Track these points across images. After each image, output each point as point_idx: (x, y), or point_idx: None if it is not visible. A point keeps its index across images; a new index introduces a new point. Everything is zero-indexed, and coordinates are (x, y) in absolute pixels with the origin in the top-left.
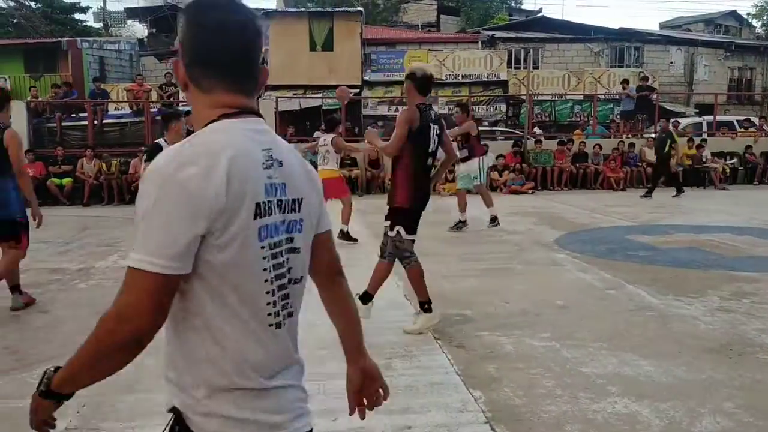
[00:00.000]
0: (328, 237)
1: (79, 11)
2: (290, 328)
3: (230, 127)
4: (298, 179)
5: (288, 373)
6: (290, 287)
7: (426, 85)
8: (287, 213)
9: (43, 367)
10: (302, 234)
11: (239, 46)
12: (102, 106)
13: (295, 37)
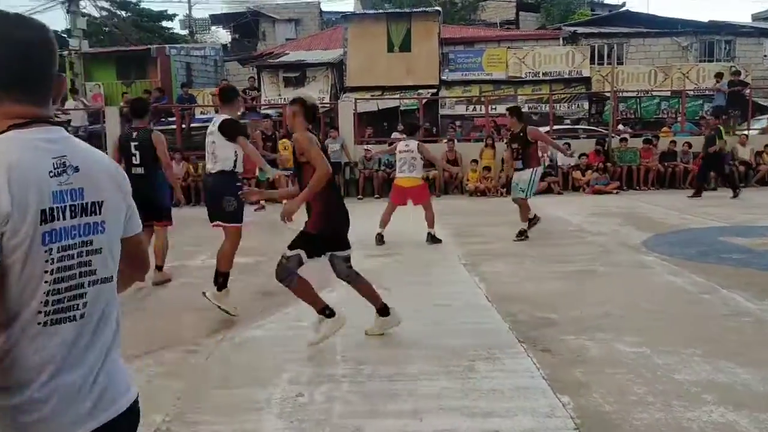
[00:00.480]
0: (135, 240)
1: (166, 19)
2: (84, 326)
3: (15, 137)
4: (98, 183)
5: (75, 370)
6: (91, 287)
7: (313, 114)
8: (84, 216)
9: (140, 362)
10: (105, 235)
11: (26, 60)
12: (189, 111)
13: (372, 39)
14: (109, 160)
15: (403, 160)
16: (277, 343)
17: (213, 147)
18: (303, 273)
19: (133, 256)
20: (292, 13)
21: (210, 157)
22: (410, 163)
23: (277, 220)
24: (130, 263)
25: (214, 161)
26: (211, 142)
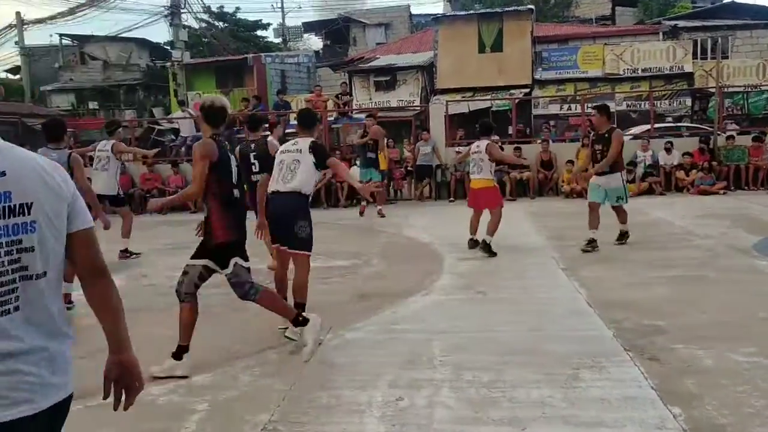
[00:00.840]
0: (82, 236)
1: (261, 28)
2: (21, 317)
3: None
4: (26, 185)
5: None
6: (23, 283)
7: (215, 117)
8: (12, 217)
9: (244, 363)
10: (36, 234)
11: None
12: (285, 117)
13: (463, 40)
14: (44, 164)
15: (474, 161)
16: (375, 346)
17: (295, 165)
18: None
19: (82, 255)
20: (382, 17)
21: (285, 175)
22: (478, 164)
23: (373, 223)
24: (80, 262)
25: (290, 180)
26: (293, 161)
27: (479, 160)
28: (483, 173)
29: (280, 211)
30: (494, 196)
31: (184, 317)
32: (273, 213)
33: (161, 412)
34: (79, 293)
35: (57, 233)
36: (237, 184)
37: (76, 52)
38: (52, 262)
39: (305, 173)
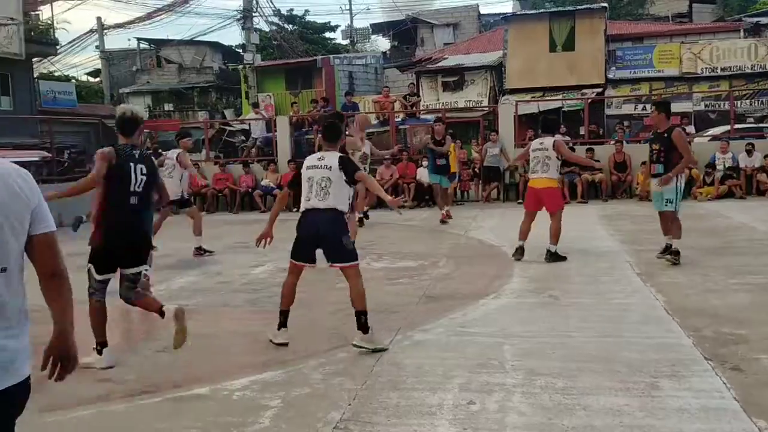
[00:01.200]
0: (43, 239)
1: (329, 30)
2: None
3: None
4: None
5: None
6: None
7: (126, 126)
8: None
9: (314, 361)
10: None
11: None
12: (353, 118)
13: (534, 40)
14: (12, 170)
15: (537, 159)
16: (445, 348)
17: (327, 183)
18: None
19: (42, 257)
20: (450, 17)
21: (318, 192)
22: (543, 162)
23: (436, 226)
24: (39, 263)
25: (324, 198)
26: (323, 178)
27: (545, 158)
28: (549, 172)
29: (323, 228)
30: (557, 198)
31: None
32: (313, 230)
33: (237, 407)
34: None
35: (18, 234)
36: (137, 193)
37: (152, 55)
38: (12, 259)
39: (339, 190)
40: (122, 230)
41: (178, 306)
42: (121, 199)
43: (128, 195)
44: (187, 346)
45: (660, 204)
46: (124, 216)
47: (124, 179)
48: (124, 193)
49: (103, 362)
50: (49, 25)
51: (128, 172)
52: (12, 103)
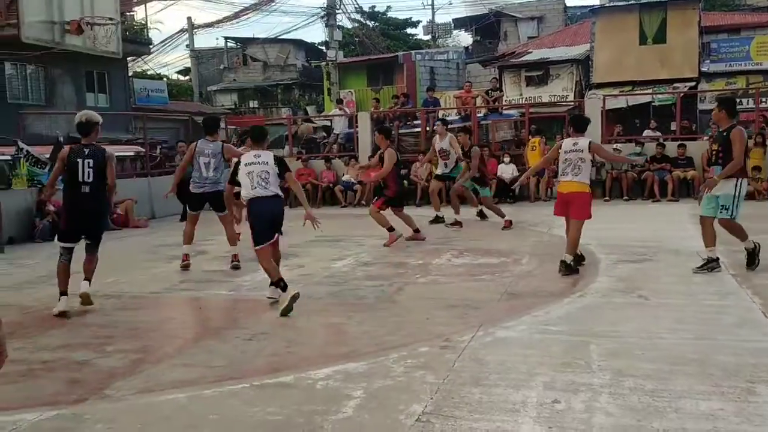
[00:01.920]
0: None
1: (410, 26)
2: None
3: None
4: None
5: None
6: None
7: (81, 129)
8: None
9: (396, 354)
10: None
11: None
12: (434, 114)
13: (623, 32)
14: None
15: (569, 161)
16: (529, 346)
17: (266, 175)
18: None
19: None
20: (535, 10)
21: (260, 183)
22: (576, 165)
23: (519, 222)
24: None
25: (267, 187)
26: (263, 171)
27: (578, 159)
28: (581, 176)
29: (276, 210)
30: (586, 205)
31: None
32: (269, 215)
33: (320, 395)
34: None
35: None
36: (85, 182)
37: (239, 54)
38: None
39: (276, 180)
40: (77, 210)
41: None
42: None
43: (77, 185)
44: (273, 336)
45: (711, 209)
46: (78, 199)
47: (72, 172)
48: (75, 184)
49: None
50: (143, 25)
51: (75, 167)
52: (108, 100)
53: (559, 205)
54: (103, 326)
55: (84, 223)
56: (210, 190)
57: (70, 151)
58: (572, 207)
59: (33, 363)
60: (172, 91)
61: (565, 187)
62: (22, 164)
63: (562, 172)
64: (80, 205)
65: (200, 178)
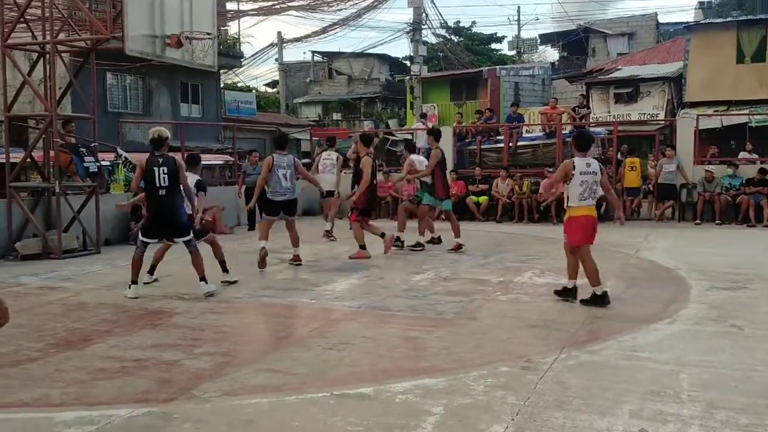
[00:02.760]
0: None
1: (495, 41)
2: None
3: None
4: None
5: None
6: None
7: (155, 143)
8: None
9: (476, 372)
10: None
11: None
12: (517, 130)
13: (719, 50)
14: None
15: (586, 184)
16: (614, 372)
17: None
18: None
19: None
20: (626, 26)
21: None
22: (591, 189)
23: (603, 243)
24: None
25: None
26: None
27: (593, 182)
28: (594, 200)
29: (169, 213)
30: (596, 232)
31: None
32: (162, 218)
33: (399, 409)
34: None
35: None
36: (161, 186)
37: (325, 67)
38: None
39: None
40: (154, 212)
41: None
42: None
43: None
44: (352, 346)
45: None
46: (157, 201)
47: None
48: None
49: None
50: (236, 39)
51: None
52: (201, 111)
53: (588, 230)
54: (192, 328)
55: (162, 220)
56: (289, 198)
57: (147, 161)
58: (594, 233)
59: (126, 361)
60: (260, 102)
61: (590, 210)
62: (120, 170)
63: (581, 196)
64: (158, 205)
65: (280, 188)
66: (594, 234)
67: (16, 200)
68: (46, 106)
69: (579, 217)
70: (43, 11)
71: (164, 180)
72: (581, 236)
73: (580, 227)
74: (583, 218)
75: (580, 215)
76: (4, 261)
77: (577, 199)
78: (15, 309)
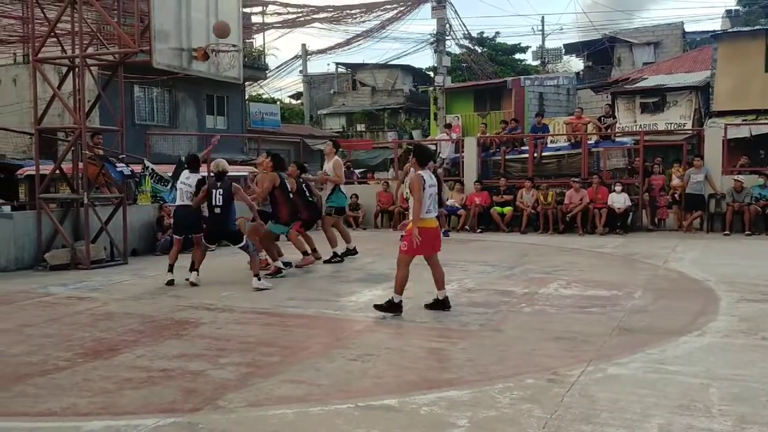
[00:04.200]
0: None
1: (519, 51)
2: None
3: None
4: None
5: None
6: None
7: (217, 176)
8: None
9: (502, 384)
10: None
11: None
12: (542, 140)
13: (747, 58)
14: None
15: (432, 198)
16: (642, 385)
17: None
18: None
19: None
20: (651, 36)
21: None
22: (435, 201)
23: (631, 254)
24: None
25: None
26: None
27: (434, 195)
28: (435, 211)
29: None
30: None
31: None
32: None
33: (424, 421)
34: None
35: None
36: (216, 205)
37: (348, 78)
38: None
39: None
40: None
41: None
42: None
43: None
44: (377, 357)
45: None
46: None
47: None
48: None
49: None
50: (261, 51)
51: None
52: (226, 123)
53: (433, 240)
54: (217, 339)
55: (218, 232)
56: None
57: (208, 185)
58: (439, 242)
59: (153, 370)
60: (284, 114)
61: (434, 222)
62: (147, 181)
63: (427, 209)
64: (214, 220)
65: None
66: (439, 243)
67: (45, 211)
68: (75, 119)
69: (424, 229)
70: (72, 26)
71: (219, 200)
72: (426, 247)
73: (427, 238)
74: (429, 230)
75: (428, 227)
76: (34, 271)
77: (424, 212)
78: (44, 318)
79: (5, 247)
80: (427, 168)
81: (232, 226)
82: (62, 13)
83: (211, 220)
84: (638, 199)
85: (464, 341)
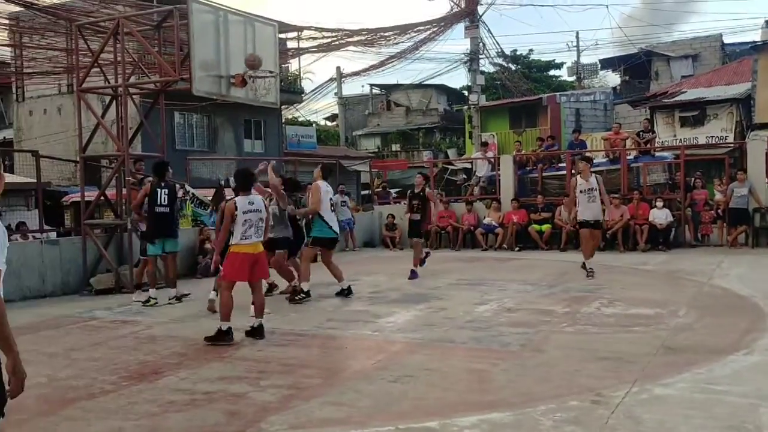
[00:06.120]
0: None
1: (554, 68)
2: None
3: None
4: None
5: None
6: None
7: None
8: None
9: (544, 406)
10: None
11: None
12: (579, 156)
13: None
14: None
15: (249, 222)
16: (689, 406)
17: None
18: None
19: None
20: (689, 48)
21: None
22: (257, 226)
23: (674, 271)
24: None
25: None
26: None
27: (258, 220)
28: (257, 237)
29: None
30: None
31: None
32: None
33: None
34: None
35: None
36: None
37: (383, 99)
38: None
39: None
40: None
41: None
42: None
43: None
44: (417, 379)
45: None
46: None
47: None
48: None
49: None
50: (297, 75)
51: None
52: (263, 146)
53: (245, 267)
54: (258, 361)
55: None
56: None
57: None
58: (253, 271)
59: (196, 393)
60: (320, 136)
61: (254, 248)
62: (188, 206)
63: (242, 235)
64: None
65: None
66: (252, 271)
67: (90, 237)
68: (118, 146)
69: (239, 254)
70: (115, 56)
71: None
72: (235, 273)
73: (238, 264)
74: (242, 255)
75: (240, 252)
76: (80, 296)
77: (238, 238)
78: (89, 342)
79: (52, 273)
80: (251, 192)
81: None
82: (105, 44)
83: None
84: (680, 214)
85: (505, 362)
